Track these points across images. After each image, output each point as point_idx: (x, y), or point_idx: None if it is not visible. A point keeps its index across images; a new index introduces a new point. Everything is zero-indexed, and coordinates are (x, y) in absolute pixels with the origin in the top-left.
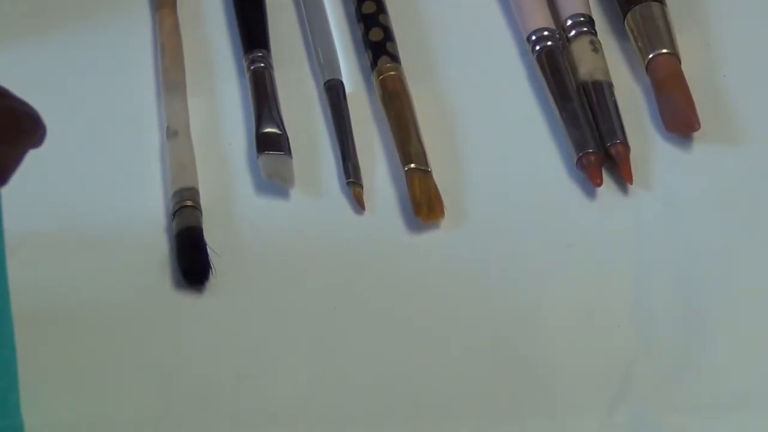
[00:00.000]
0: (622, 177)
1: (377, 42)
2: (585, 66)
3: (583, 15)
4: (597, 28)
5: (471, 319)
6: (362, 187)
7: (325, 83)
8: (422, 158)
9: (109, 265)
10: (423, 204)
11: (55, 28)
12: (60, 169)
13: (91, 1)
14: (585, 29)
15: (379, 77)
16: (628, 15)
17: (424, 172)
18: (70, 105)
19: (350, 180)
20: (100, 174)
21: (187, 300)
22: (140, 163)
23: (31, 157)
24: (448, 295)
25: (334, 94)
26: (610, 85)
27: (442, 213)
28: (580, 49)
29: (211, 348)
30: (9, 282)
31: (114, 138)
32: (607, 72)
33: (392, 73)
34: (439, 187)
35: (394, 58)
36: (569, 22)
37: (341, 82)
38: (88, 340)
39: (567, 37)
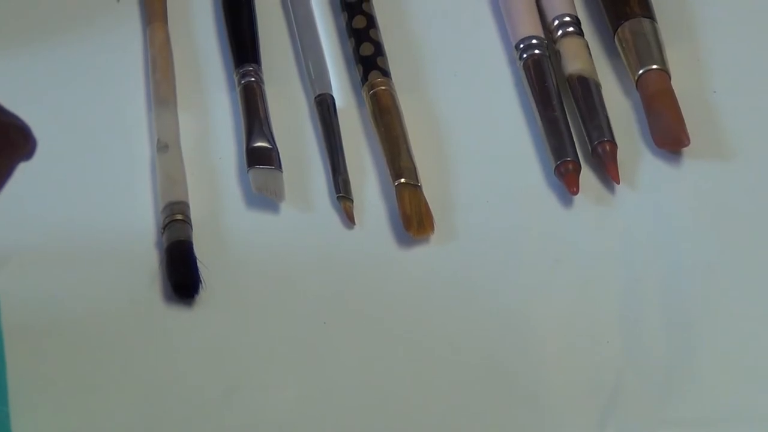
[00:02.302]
0: (609, 176)
1: (367, 57)
2: (574, 64)
3: (570, 15)
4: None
5: (460, 334)
6: (352, 202)
7: (315, 98)
8: (412, 173)
9: (99, 279)
10: (413, 219)
11: (46, 41)
12: (50, 182)
13: (83, 14)
14: (573, 29)
15: (369, 92)
16: (618, 30)
17: (414, 187)
18: (60, 118)
19: (340, 194)
20: (91, 188)
21: (177, 314)
22: (131, 177)
23: (21, 169)
24: (437, 310)
25: (324, 108)
26: (598, 85)
27: (432, 228)
28: (570, 47)
29: (201, 362)
30: None
31: (105, 152)
32: (595, 72)
33: (383, 87)
34: (428, 200)
35: (385, 72)
36: (556, 22)
37: (331, 97)
38: (77, 353)
39: (554, 37)
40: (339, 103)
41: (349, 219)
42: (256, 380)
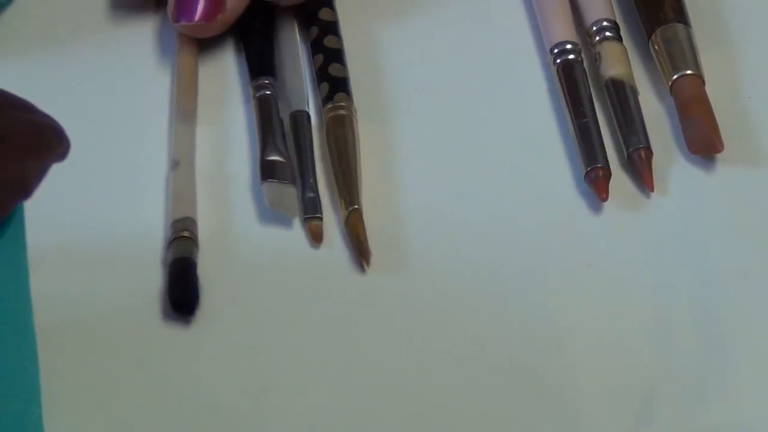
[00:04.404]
0: (644, 183)
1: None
2: (612, 69)
3: (608, 20)
4: None
5: (490, 339)
6: (321, 220)
7: (290, 114)
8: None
9: (124, 284)
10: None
11: (79, 46)
12: (79, 185)
13: (118, 20)
14: (611, 34)
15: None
16: (653, 35)
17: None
18: (87, 123)
19: (307, 216)
20: (110, 198)
21: (179, 330)
22: (147, 191)
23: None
24: (466, 314)
25: (298, 125)
26: (635, 91)
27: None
28: (609, 51)
29: (221, 369)
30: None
31: (127, 162)
32: (633, 78)
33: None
34: (457, 204)
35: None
36: (595, 27)
37: (307, 114)
38: (107, 355)
39: (593, 42)
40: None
41: (314, 239)
42: (278, 386)
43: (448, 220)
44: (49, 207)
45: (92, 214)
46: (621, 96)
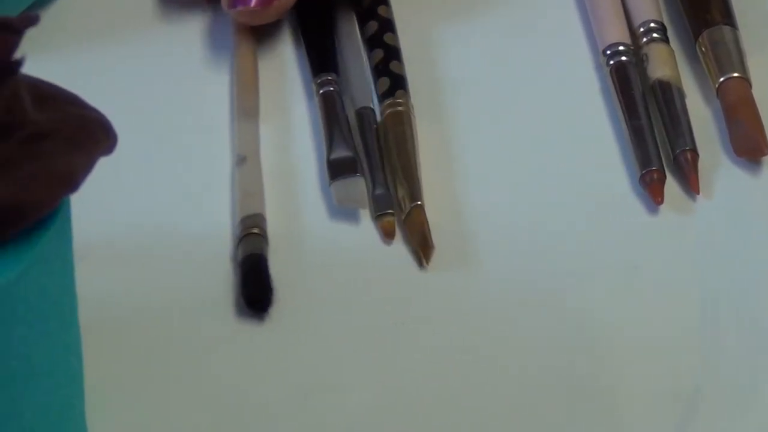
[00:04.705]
0: (690, 186)
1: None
2: (659, 71)
3: (656, 21)
4: None
5: (535, 340)
6: (393, 216)
7: (355, 111)
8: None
9: (176, 283)
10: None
11: (137, 40)
12: (133, 182)
13: (176, 15)
14: (659, 36)
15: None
16: (699, 37)
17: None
18: (147, 119)
19: (378, 213)
20: (173, 192)
21: (252, 321)
22: (212, 185)
23: (104, 166)
24: (513, 314)
25: (364, 121)
26: (682, 93)
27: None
28: (656, 53)
29: (276, 367)
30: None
31: (188, 157)
32: (680, 80)
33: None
34: (513, 203)
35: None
36: (642, 29)
37: (371, 110)
38: (151, 353)
39: (640, 43)
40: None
41: (386, 236)
42: (331, 384)
43: (503, 218)
44: (104, 202)
45: (150, 210)
46: (668, 98)
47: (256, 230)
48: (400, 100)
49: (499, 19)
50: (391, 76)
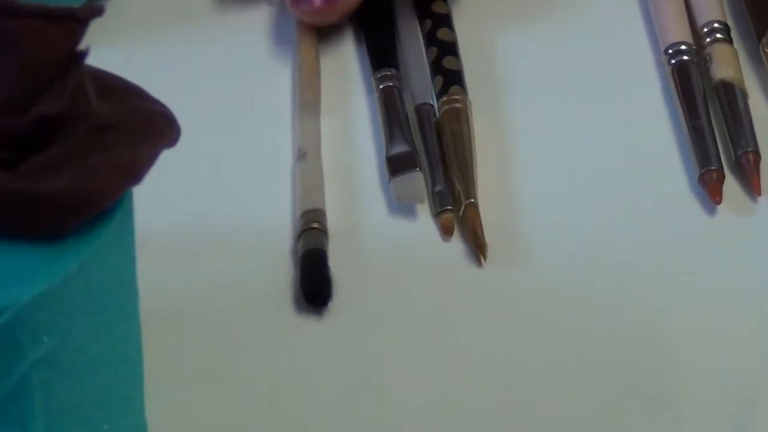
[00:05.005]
0: (752, 188)
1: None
2: (722, 71)
3: (719, 22)
4: None
5: (594, 338)
6: (452, 212)
7: (414, 107)
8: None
9: (234, 276)
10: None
11: (200, 33)
12: (192, 174)
13: (235, 13)
14: (722, 36)
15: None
16: (763, 39)
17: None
18: (209, 112)
19: (438, 210)
20: (234, 185)
21: (308, 315)
22: (273, 179)
23: (168, 158)
24: (571, 313)
25: (423, 117)
26: (745, 94)
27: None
28: (720, 53)
29: (331, 362)
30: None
31: (250, 151)
32: (743, 81)
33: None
34: (570, 200)
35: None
36: (705, 29)
37: (431, 106)
38: (208, 344)
39: (703, 43)
40: None
41: (446, 233)
42: (389, 378)
43: (561, 215)
44: (166, 194)
45: (211, 203)
46: (730, 98)
47: (316, 225)
48: (456, 97)
49: (561, 17)
50: (444, 73)
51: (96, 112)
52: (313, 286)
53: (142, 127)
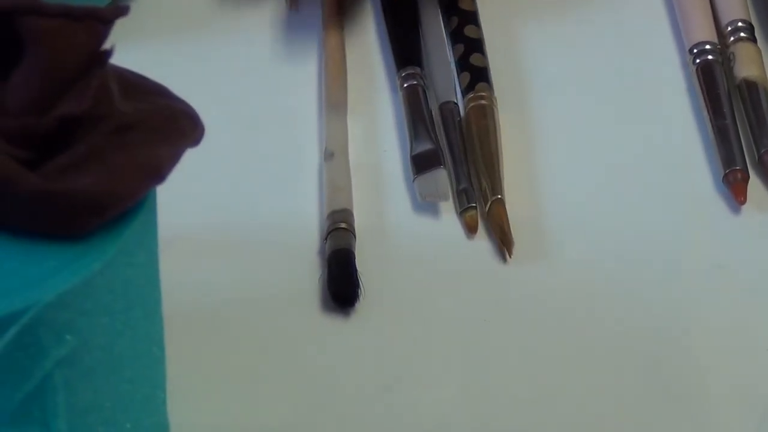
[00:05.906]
0: None
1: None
2: (746, 70)
3: (744, 21)
4: None
5: (618, 338)
6: (475, 210)
7: (438, 105)
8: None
9: (261, 275)
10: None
11: (227, 33)
12: (216, 173)
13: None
14: (746, 35)
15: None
16: None
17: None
18: (233, 109)
19: (462, 208)
20: (260, 185)
21: (336, 315)
22: (300, 179)
23: (192, 157)
24: (596, 313)
25: (447, 116)
26: None
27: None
28: (743, 52)
29: (359, 360)
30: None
31: (276, 151)
32: (766, 80)
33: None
34: (595, 198)
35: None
36: (729, 28)
37: (455, 104)
38: (234, 343)
39: (727, 42)
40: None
41: (470, 230)
42: (415, 377)
43: (586, 213)
44: (190, 194)
45: (236, 202)
46: (753, 97)
47: (343, 225)
48: (482, 94)
49: (586, 16)
50: (471, 69)
51: (120, 111)
52: (341, 287)
53: (165, 127)
